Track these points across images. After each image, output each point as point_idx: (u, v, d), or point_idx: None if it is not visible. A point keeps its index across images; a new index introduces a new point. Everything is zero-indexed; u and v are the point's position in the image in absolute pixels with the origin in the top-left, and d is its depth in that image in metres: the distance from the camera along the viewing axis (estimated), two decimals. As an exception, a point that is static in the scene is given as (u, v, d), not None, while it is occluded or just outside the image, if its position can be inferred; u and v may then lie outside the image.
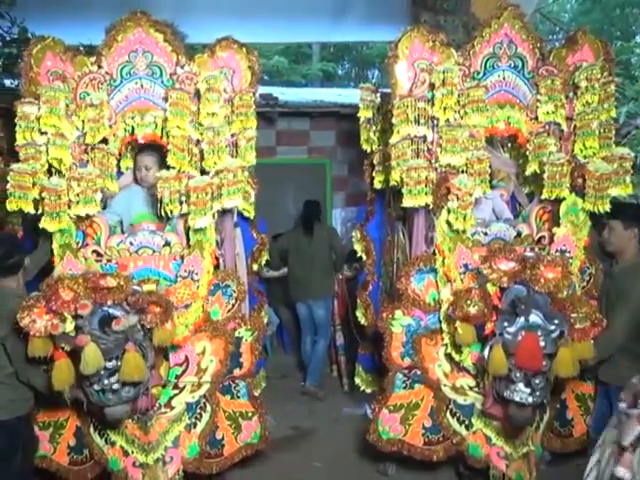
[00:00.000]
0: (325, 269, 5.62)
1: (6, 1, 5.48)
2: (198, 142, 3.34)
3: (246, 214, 3.95)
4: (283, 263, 5.77)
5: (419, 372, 3.52)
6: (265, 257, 4.34)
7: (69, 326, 2.87)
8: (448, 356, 3.48)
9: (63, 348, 2.88)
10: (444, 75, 3.28)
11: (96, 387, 2.91)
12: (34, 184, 3.13)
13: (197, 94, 3.34)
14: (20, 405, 3.12)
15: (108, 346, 2.86)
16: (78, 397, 3.05)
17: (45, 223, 3.13)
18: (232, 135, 3.46)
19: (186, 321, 3.26)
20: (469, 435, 3.53)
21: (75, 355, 2.89)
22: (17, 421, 3.11)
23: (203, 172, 3.34)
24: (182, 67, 3.38)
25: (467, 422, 3.53)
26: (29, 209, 3.15)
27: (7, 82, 5.51)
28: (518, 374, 3.02)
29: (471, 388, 3.50)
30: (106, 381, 2.89)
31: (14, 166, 3.12)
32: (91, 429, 3.42)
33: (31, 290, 3.16)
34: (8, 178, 3.12)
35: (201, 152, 3.32)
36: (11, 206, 3.13)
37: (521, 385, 3.04)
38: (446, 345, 3.46)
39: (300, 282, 5.63)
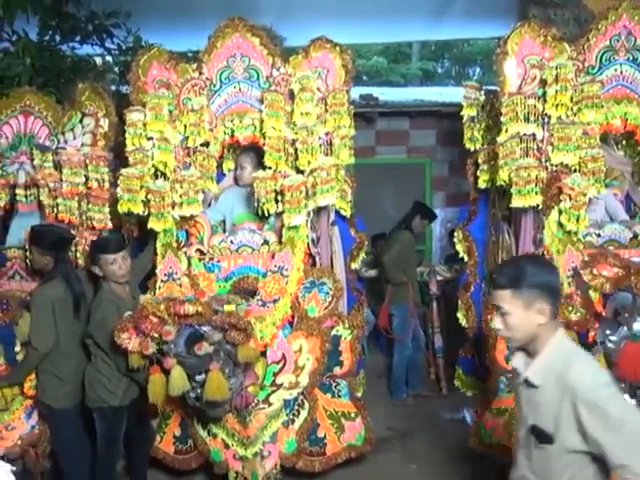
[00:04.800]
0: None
1: (123, 12, 5.82)
2: (293, 142, 3.40)
3: (343, 212, 3.98)
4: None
5: (524, 377, 3.41)
6: (363, 255, 4.35)
7: (160, 345, 2.99)
8: (553, 362, 3.35)
9: (158, 362, 3.01)
10: (557, 71, 3.16)
11: (191, 394, 3.05)
12: (142, 187, 3.31)
13: (291, 94, 3.41)
14: (114, 394, 3.28)
15: (195, 363, 2.97)
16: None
17: (152, 223, 3.32)
18: (326, 134, 3.49)
19: (274, 318, 3.30)
20: (577, 445, 3.38)
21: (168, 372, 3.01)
22: (114, 409, 3.30)
23: (298, 171, 3.40)
24: (277, 69, 3.48)
25: (575, 431, 3.38)
26: (138, 210, 3.34)
27: (123, 89, 5.86)
28: (622, 385, 2.88)
29: (580, 396, 3.35)
30: (199, 391, 3.01)
31: (123, 171, 3.33)
32: (195, 421, 3.57)
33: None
34: (118, 182, 3.34)
35: (296, 151, 3.39)
36: (122, 208, 3.35)
37: (626, 397, 2.88)
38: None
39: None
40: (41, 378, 3.39)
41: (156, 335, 2.96)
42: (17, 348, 3.53)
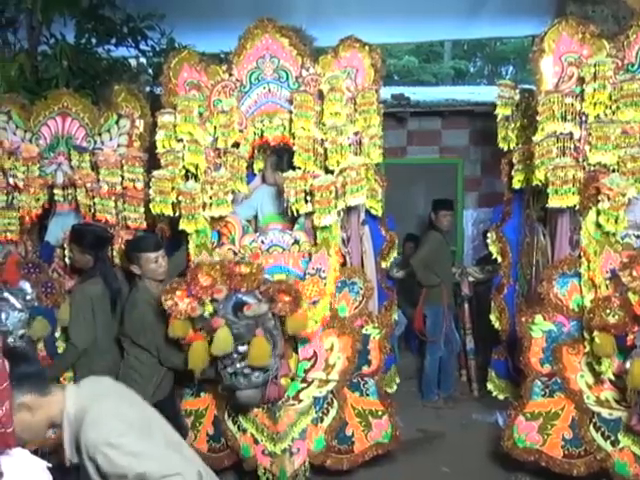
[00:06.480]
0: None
1: (157, 15, 5.90)
2: (322, 142, 3.39)
3: (373, 212, 3.96)
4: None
5: (559, 380, 3.36)
6: (394, 254, 4.33)
7: (207, 310, 3.04)
8: (590, 366, 3.29)
9: (201, 330, 3.06)
10: (596, 68, 3.11)
11: (229, 370, 3.06)
12: (173, 188, 3.36)
13: (321, 95, 3.40)
14: (146, 390, 3.27)
15: (240, 331, 3.00)
16: (210, 377, 3.23)
17: (183, 224, 3.36)
18: (355, 133, 3.47)
19: (314, 317, 3.32)
20: (615, 452, 3.31)
21: (211, 339, 3.04)
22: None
23: (328, 171, 3.40)
24: (307, 70, 3.47)
25: (613, 438, 3.31)
26: (169, 212, 3.39)
27: (157, 90, 5.94)
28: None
29: (617, 402, 3.28)
30: (238, 365, 3.03)
31: (155, 173, 3.38)
32: (225, 415, 3.61)
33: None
34: (150, 184, 3.39)
35: (325, 151, 3.38)
36: (154, 210, 3.40)
37: None
38: (588, 354, 3.27)
39: None
40: (78, 374, 3.46)
41: (204, 298, 3.01)
42: (57, 333, 3.64)
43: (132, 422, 1.73)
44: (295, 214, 3.41)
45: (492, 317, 4.34)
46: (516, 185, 4.07)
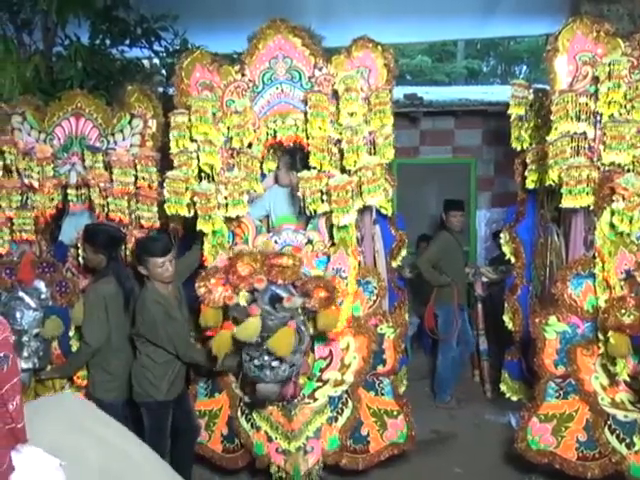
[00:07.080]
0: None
1: (171, 16, 5.93)
2: (337, 142, 3.39)
3: (384, 211, 3.95)
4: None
5: (574, 382, 3.34)
6: (403, 254, 4.32)
7: (242, 299, 3.06)
8: (605, 367, 3.26)
9: (234, 320, 3.08)
10: (610, 67, 3.07)
11: (256, 362, 3.04)
12: (187, 189, 3.37)
13: (335, 95, 3.39)
14: (159, 388, 3.35)
15: (275, 323, 2.99)
16: (231, 368, 3.27)
17: (200, 225, 3.37)
18: (370, 133, 3.46)
19: (340, 317, 3.30)
20: (630, 455, 3.28)
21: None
22: (159, 403, 3.37)
23: (343, 171, 3.39)
24: (320, 69, 3.45)
25: (628, 440, 3.29)
26: (184, 213, 3.40)
27: (170, 90, 5.97)
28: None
29: (632, 403, 3.25)
30: (266, 357, 3.02)
31: (169, 173, 3.38)
32: (239, 413, 3.61)
33: (186, 290, 3.46)
34: (164, 184, 3.40)
35: (340, 151, 3.37)
36: (169, 210, 3.42)
37: None
38: (602, 355, 3.25)
39: None
40: (92, 373, 3.50)
41: (241, 287, 3.03)
42: (71, 333, 3.67)
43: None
44: (313, 214, 3.41)
45: (505, 318, 4.31)
46: (530, 185, 4.04)
